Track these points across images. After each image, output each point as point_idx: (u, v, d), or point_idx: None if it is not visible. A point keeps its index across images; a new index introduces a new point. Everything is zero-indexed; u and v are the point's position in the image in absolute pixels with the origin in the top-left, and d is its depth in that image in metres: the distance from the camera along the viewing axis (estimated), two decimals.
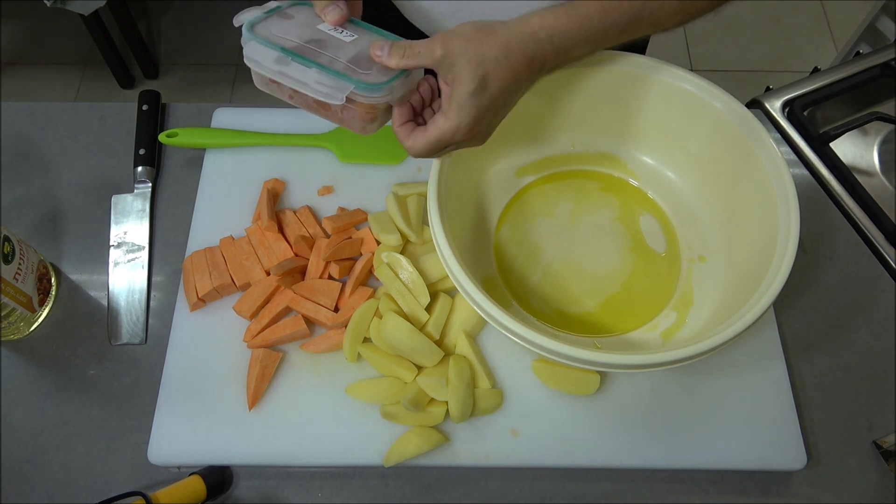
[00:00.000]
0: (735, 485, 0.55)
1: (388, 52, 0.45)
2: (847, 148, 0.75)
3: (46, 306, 0.61)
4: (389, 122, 0.49)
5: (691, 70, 0.58)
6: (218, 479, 0.53)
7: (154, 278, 0.63)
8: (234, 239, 0.61)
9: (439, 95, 0.47)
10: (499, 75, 0.44)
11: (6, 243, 0.55)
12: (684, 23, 0.52)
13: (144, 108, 0.70)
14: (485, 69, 0.43)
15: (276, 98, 0.49)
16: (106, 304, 0.61)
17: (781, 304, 0.62)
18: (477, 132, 0.46)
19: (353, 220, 0.62)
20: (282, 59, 0.45)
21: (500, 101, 0.45)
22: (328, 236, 0.62)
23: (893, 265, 0.66)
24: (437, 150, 0.47)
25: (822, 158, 0.73)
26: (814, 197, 0.69)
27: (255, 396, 0.55)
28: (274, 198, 0.64)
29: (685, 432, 0.55)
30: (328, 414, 0.55)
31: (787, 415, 0.55)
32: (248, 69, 0.47)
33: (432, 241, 0.52)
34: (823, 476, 0.55)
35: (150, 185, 0.66)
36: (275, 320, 0.58)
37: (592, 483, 0.55)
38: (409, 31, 0.63)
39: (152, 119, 0.69)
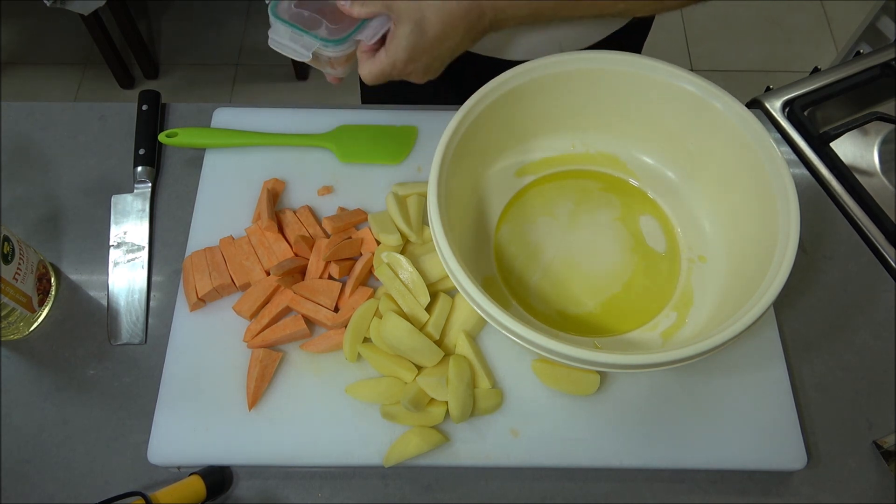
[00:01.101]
0: (735, 485, 0.55)
1: (351, 2, 0.51)
2: (847, 148, 0.75)
3: (46, 306, 0.61)
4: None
5: (691, 70, 0.58)
6: (218, 479, 0.53)
7: (154, 278, 0.63)
8: (234, 239, 0.61)
9: None
10: (435, 20, 0.50)
11: (6, 243, 0.55)
12: (630, 11, 0.59)
13: (144, 108, 0.70)
14: (421, 14, 0.50)
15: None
16: (106, 304, 0.61)
17: (781, 304, 0.62)
18: (413, 69, 0.53)
19: (353, 220, 0.62)
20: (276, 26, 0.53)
21: (437, 44, 0.52)
22: (328, 236, 0.62)
23: (893, 265, 0.66)
24: (381, 79, 0.54)
25: (822, 158, 0.73)
26: (814, 197, 0.69)
27: (255, 396, 0.55)
28: (274, 198, 0.64)
29: (685, 432, 0.55)
30: (328, 414, 0.55)
31: (787, 415, 0.55)
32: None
33: (432, 241, 0.52)
34: (823, 476, 0.55)
35: (150, 185, 0.66)
36: (275, 320, 0.58)
37: (592, 483, 0.55)
38: None
39: (152, 119, 0.69)
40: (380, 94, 0.83)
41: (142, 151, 0.67)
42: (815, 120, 0.77)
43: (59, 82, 1.77)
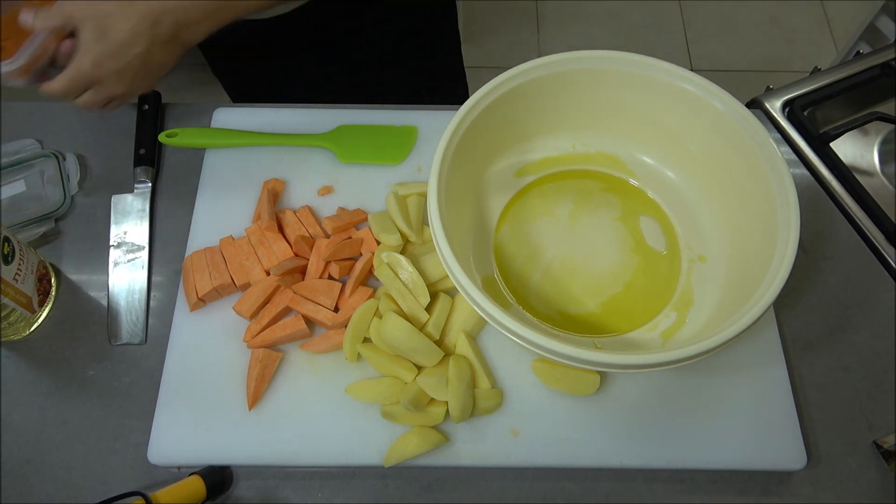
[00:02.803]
0: (735, 485, 0.55)
1: (34, 16, 0.52)
2: (847, 148, 0.75)
3: (46, 307, 0.61)
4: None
5: (691, 70, 0.58)
6: (218, 479, 0.53)
7: (154, 278, 0.63)
8: (234, 239, 0.61)
9: None
10: (118, 27, 0.52)
11: (6, 244, 0.54)
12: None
13: (144, 108, 0.70)
14: (103, 20, 0.52)
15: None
16: (106, 304, 0.61)
17: (781, 304, 0.62)
18: (103, 75, 0.54)
19: (353, 220, 0.62)
20: None
21: (124, 50, 0.53)
22: (328, 236, 0.62)
23: (893, 265, 0.66)
24: (73, 87, 0.55)
25: (822, 158, 0.73)
26: (814, 197, 0.69)
27: (255, 396, 0.55)
28: (274, 198, 0.64)
29: (685, 432, 0.55)
30: (328, 414, 0.55)
31: (787, 415, 0.55)
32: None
33: (432, 241, 0.52)
34: (823, 476, 0.55)
35: (150, 185, 0.66)
36: (275, 320, 0.58)
37: (592, 483, 0.55)
38: None
39: (152, 119, 0.69)
40: (247, 95, 0.88)
41: (142, 151, 0.67)
42: (815, 120, 0.77)
43: None
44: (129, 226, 0.65)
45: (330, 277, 0.60)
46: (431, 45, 0.84)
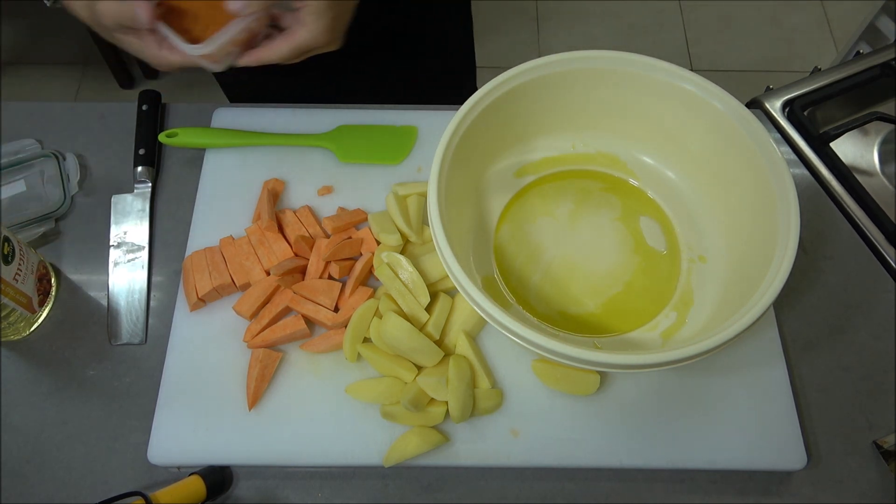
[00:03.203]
0: (735, 485, 0.55)
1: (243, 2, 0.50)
2: (847, 148, 0.75)
3: (46, 307, 0.61)
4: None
5: (691, 70, 0.58)
6: (218, 479, 0.53)
7: (154, 278, 0.63)
8: (234, 239, 0.61)
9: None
10: None
11: (6, 244, 0.55)
12: None
13: (144, 107, 0.70)
14: None
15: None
16: (106, 304, 0.61)
17: (781, 304, 0.62)
18: (332, 38, 0.53)
19: (353, 220, 0.62)
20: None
21: (344, 9, 0.53)
22: (328, 236, 0.62)
23: (893, 265, 0.66)
24: (298, 55, 0.53)
25: (822, 158, 0.73)
26: (814, 197, 0.69)
27: (255, 396, 0.55)
28: (274, 198, 0.64)
29: (685, 432, 0.55)
30: (328, 414, 0.55)
31: (787, 415, 0.55)
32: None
33: (432, 241, 0.52)
34: (823, 476, 0.55)
35: (150, 185, 0.66)
36: (275, 320, 0.58)
37: (592, 483, 0.55)
38: None
39: (152, 119, 0.69)
40: (245, 93, 0.86)
41: (142, 151, 0.67)
42: (815, 120, 0.77)
43: (59, 82, 1.77)
44: (129, 226, 0.65)
45: (330, 277, 0.60)
46: (447, 44, 0.84)
